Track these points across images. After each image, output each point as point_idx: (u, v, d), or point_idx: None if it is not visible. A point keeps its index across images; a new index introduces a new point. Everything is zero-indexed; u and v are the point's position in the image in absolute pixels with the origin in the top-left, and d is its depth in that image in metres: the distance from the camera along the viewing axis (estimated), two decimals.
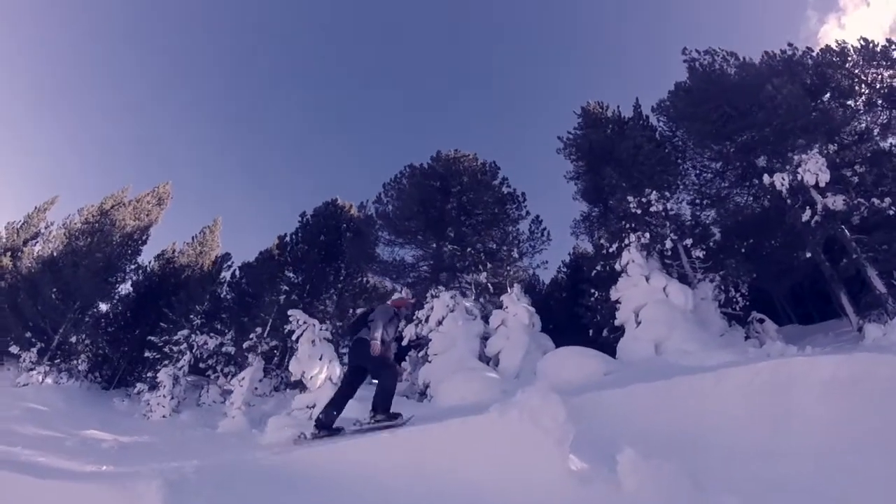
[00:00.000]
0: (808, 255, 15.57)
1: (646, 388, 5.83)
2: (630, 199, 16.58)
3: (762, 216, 19.08)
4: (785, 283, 18.47)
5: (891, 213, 14.72)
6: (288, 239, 22.62)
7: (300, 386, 14.09)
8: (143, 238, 24.46)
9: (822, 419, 4.76)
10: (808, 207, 15.59)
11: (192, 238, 28.01)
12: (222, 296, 22.40)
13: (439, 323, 15.82)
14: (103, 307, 22.40)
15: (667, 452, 3.95)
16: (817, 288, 19.65)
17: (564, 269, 29.86)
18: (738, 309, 16.11)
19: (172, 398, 17.88)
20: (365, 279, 21.15)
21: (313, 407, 12.74)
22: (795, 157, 15.51)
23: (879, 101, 20.33)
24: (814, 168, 15.12)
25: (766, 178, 15.84)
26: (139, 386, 19.13)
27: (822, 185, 15.11)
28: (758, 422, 4.95)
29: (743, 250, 17.39)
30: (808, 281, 19.38)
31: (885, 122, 20.70)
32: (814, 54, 20.58)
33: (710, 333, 15.03)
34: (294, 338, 13.80)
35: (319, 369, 13.45)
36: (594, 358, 11.26)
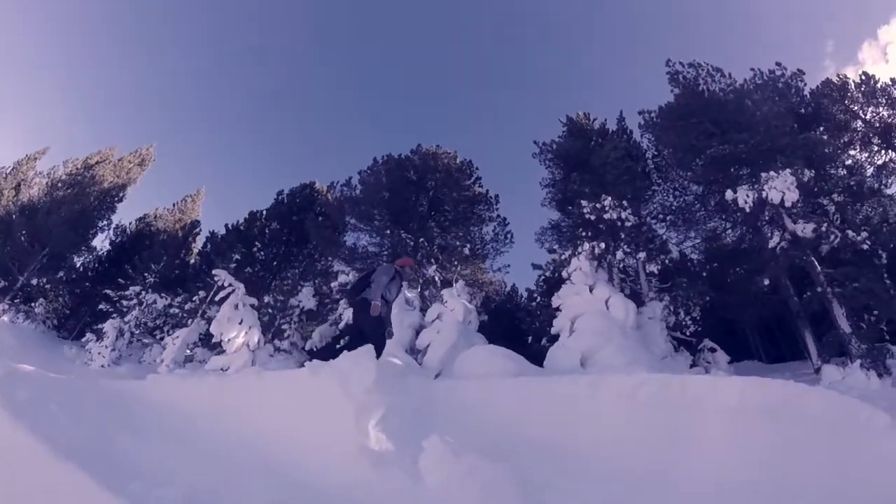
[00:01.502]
0: (766, 281, 13.89)
1: (512, 385, 5.04)
2: (584, 203, 15.17)
3: (737, 241, 17.72)
4: (750, 313, 16.71)
5: (865, 247, 13.18)
6: (260, 215, 21.86)
7: (218, 348, 13.55)
8: (120, 195, 24.09)
9: (720, 450, 3.68)
10: (776, 232, 14.17)
11: (174, 205, 27.51)
12: (190, 262, 21.99)
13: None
14: (77, 261, 22.24)
15: (510, 455, 3.47)
16: (784, 324, 17.97)
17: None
18: (688, 334, 14.57)
19: (114, 350, 17.48)
20: (328, 263, 20.24)
21: (227, 370, 12.26)
22: (763, 175, 13.87)
23: (875, 139, 18.83)
24: (780, 186, 13.36)
25: (728, 194, 14.06)
26: (88, 335, 18.63)
27: (787, 204, 13.37)
28: (638, 440, 3.93)
29: (704, 273, 15.93)
30: (776, 315, 17.70)
31: (880, 162, 19.16)
32: (813, 87, 19.25)
33: (651, 354, 13.67)
34: (217, 298, 13.28)
35: (237, 333, 12.99)
36: (504, 358, 10.10)
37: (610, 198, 14.94)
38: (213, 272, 13.43)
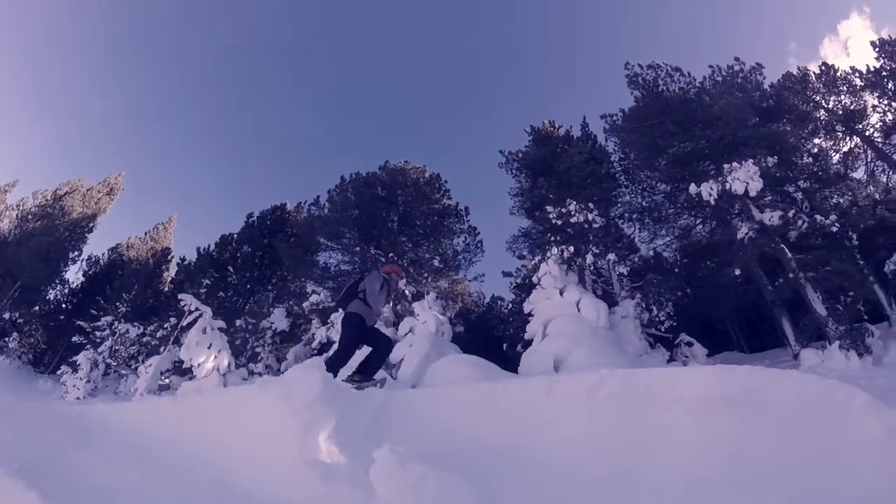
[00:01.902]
0: (737, 272, 13.67)
1: (468, 391, 4.64)
2: (549, 209, 14.96)
3: (708, 236, 17.57)
4: (725, 305, 16.56)
5: (834, 229, 13.08)
6: (231, 239, 21.60)
7: (189, 373, 13.47)
8: (90, 226, 23.85)
9: (687, 445, 3.38)
10: (743, 223, 14.03)
11: (145, 233, 27.15)
12: (163, 290, 21.68)
13: None
14: (51, 294, 21.90)
15: (467, 462, 3.28)
16: (763, 313, 17.80)
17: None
18: (663, 330, 14.37)
19: (88, 381, 17.13)
20: (301, 284, 19.95)
21: None
22: (726, 166, 13.65)
23: (839, 127, 18.87)
24: (743, 176, 13.13)
25: (692, 188, 13.79)
26: (63, 368, 18.24)
27: (752, 194, 13.07)
28: (600, 440, 3.62)
29: (676, 269, 15.79)
30: (754, 306, 17.54)
31: (846, 149, 19.21)
32: (774, 81, 19.28)
33: (625, 353, 13.45)
34: (184, 323, 13.06)
35: (206, 358, 12.75)
36: (470, 366, 9.99)
37: (575, 202, 14.73)
38: (179, 297, 13.15)
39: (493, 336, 18.60)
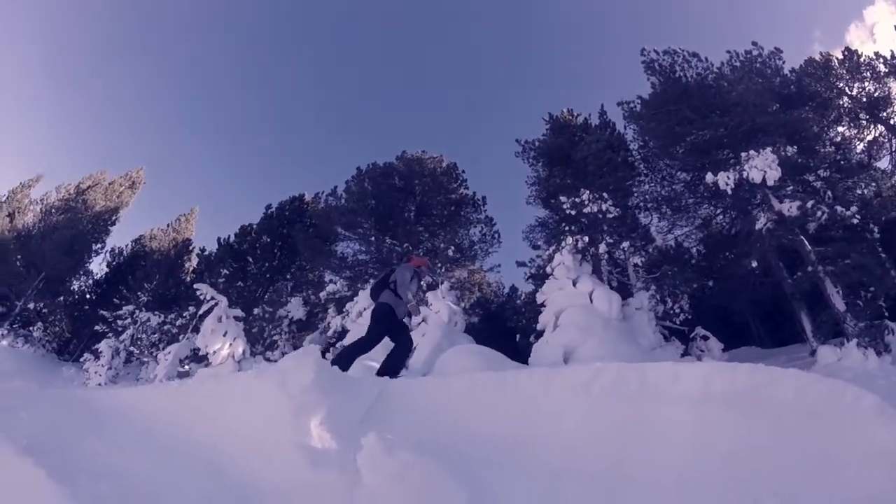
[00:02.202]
0: (754, 263, 13.33)
1: (468, 381, 4.36)
2: (563, 198, 14.81)
3: (728, 227, 17.20)
4: (742, 298, 16.22)
5: (855, 221, 12.67)
6: (251, 229, 21.75)
7: (205, 360, 13.69)
8: (113, 219, 24.29)
9: (683, 442, 3.23)
10: (762, 214, 13.72)
11: (168, 225, 27.48)
12: (185, 280, 22.02)
13: (360, 315, 14.80)
14: (75, 285, 22.41)
15: (460, 452, 3.21)
16: (784, 307, 17.45)
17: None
18: (678, 323, 14.18)
19: (110, 369, 17.50)
20: (320, 274, 20.05)
21: None
22: (743, 155, 13.32)
23: (862, 115, 18.34)
24: (761, 164, 12.81)
25: (708, 177, 13.51)
26: (86, 356, 18.66)
27: (770, 182, 12.82)
28: (595, 434, 3.47)
29: (693, 260, 15.54)
30: (774, 299, 17.16)
31: (870, 138, 18.67)
32: (796, 66, 18.80)
33: (637, 345, 13.32)
34: (200, 312, 13.28)
35: (221, 345, 12.98)
36: (479, 356, 9.79)
37: (588, 191, 14.56)
38: (195, 286, 13.37)
39: (508, 327, 18.54)
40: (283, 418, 3.25)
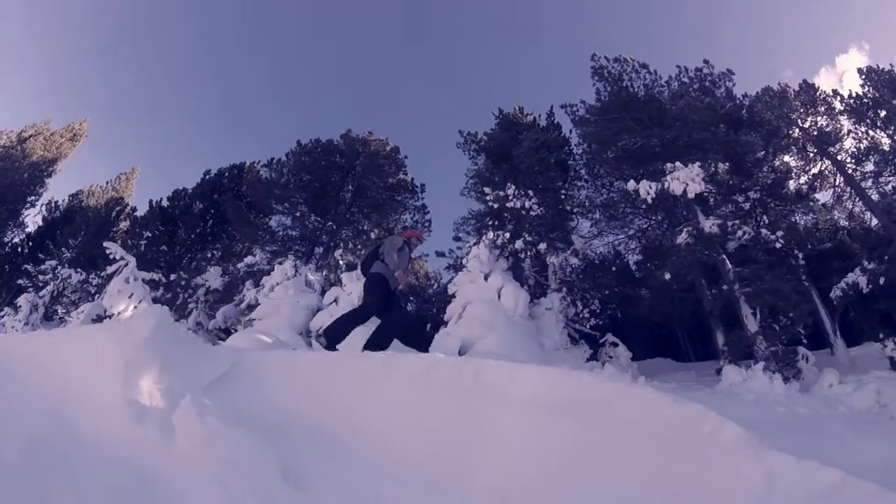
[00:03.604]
0: (668, 276, 13.15)
1: (311, 359, 4.38)
2: (487, 190, 14.60)
3: (661, 238, 17.15)
4: (660, 311, 16.13)
5: (778, 245, 12.66)
6: (185, 193, 21.24)
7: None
8: (49, 171, 23.46)
9: (513, 446, 3.11)
10: (685, 229, 13.63)
11: (107, 182, 26.72)
12: (116, 240, 21.59)
13: (272, 289, 14.57)
14: (7, 237, 21.93)
15: (282, 430, 3.21)
16: (707, 323, 17.48)
17: None
18: (588, 327, 14.08)
19: (27, 324, 17.18)
20: (249, 246, 19.72)
21: None
22: (668, 165, 13.13)
23: (811, 147, 18.37)
24: (684, 177, 12.57)
25: (630, 185, 13.21)
26: (6, 310, 18.34)
27: (690, 195, 12.57)
28: (427, 428, 3.40)
29: (613, 268, 15.43)
30: (696, 314, 17.12)
31: (815, 171, 18.70)
32: (753, 93, 18.79)
33: (542, 345, 13.22)
34: (108, 272, 13.01)
35: (126, 307, 13.01)
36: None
37: (514, 186, 14.41)
38: (104, 245, 13.11)
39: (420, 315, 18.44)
40: (115, 372, 3.27)
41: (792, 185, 17.66)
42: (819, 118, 18.51)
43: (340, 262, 15.56)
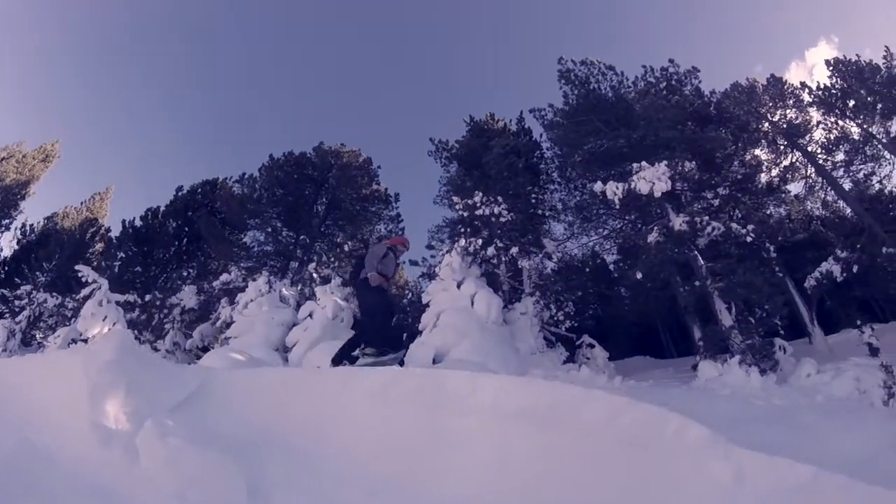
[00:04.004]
0: (639, 275, 13.20)
1: (276, 375, 4.43)
2: (456, 199, 14.61)
3: (633, 238, 17.22)
4: (635, 310, 16.25)
5: (748, 239, 12.63)
6: (157, 212, 21.07)
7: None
8: (22, 193, 23.27)
9: (478, 456, 3.17)
10: (656, 228, 13.67)
11: (81, 203, 26.47)
12: (91, 262, 21.46)
13: (246, 306, 14.51)
14: None
15: (245, 446, 3.22)
16: (685, 320, 17.56)
17: None
18: (564, 329, 14.09)
19: (4, 350, 17.01)
20: (224, 264, 19.60)
21: None
22: (634, 165, 13.12)
23: (780, 140, 18.52)
24: (650, 176, 12.54)
25: (597, 186, 13.20)
26: None
27: (658, 194, 12.54)
28: (389, 442, 3.42)
29: (587, 269, 15.50)
30: (674, 311, 17.19)
31: (786, 163, 18.86)
32: (722, 89, 18.94)
33: (517, 350, 13.21)
34: (82, 295, 12.98)
35: (100, 330, 12.67)
36: (331, 354, 9.91)
37: (482, 193, 14.43)
38: (77, 268, 13.09)
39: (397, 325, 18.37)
40: (81, 395, 3.33)
41: (763, 178, 17.70)
42: (788, 111, 18.69)
43: (315, 275, 15.52)
